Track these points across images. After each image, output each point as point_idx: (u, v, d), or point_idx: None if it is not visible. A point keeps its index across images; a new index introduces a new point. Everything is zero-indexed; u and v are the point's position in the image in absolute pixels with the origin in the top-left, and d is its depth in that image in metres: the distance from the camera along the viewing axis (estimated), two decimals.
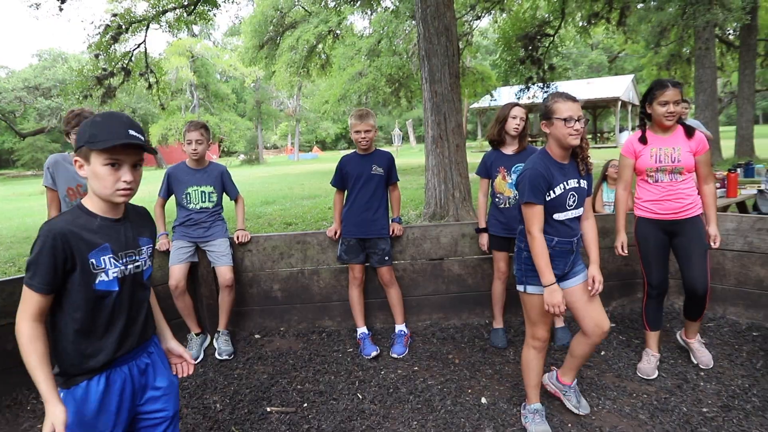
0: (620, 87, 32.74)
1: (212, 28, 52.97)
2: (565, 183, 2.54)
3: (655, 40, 14.92)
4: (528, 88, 13.41)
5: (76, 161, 1.70)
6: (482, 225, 3.90)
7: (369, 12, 18.27)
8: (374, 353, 3.76)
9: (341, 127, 53.77)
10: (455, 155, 7.53)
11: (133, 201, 1.85)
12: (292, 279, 4.28)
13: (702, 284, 3.14)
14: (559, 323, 3.90)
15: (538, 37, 12.82)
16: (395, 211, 4.06)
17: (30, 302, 1.62)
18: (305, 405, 3.18)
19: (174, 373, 1.98)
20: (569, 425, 2.84)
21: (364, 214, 3.81)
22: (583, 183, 2.64)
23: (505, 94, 28.88)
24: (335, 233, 4.01)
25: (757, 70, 19.17)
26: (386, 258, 3.87)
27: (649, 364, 3.31)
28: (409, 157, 29.21)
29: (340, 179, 3.91)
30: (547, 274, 2.49)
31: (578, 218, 2.69)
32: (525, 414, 2.85)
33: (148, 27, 10.82)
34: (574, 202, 2.59)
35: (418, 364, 3.66)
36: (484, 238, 3.90)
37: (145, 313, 1.85)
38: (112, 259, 1.71)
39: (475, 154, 31.58)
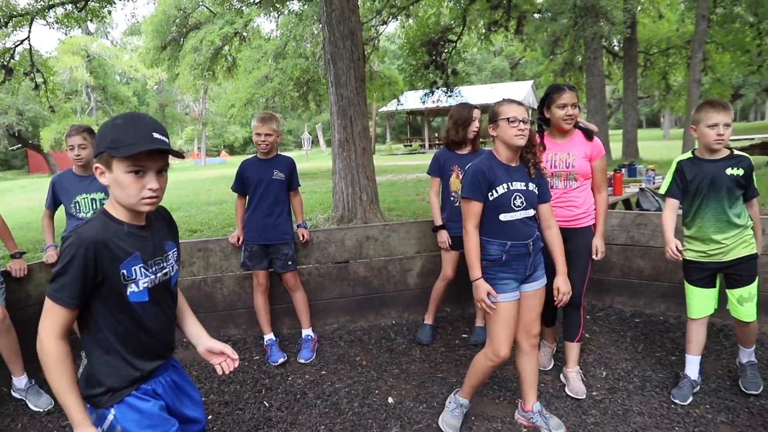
0: (521, 92, 34.41)
1: (109, 26, 50.14)
2: (509, 183, 2.51)
3: (550, 49, 15.83)
4: (432, 92, 13.77)
5: (96, 168, 1.58)
6: (439, 222, 3.84)
7: (276, 14, 18.03)
8: (281, 360, 3.71)
9: (249, 131, 52.49)
10: (362, 158, 7.58)
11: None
12: (194, 287, 4.13)
13: (578, 290, 3.11)
14: (480, 322, 3.97)
15: (442, 42, 13.23)
16: (298, 216, 4.02)
17: (56, 317, 1.50)
18: (210, 417, 3.08)
19: (220, 372, 1.86)
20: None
21: (266, 219, 3.75)
22: (533, 187, 2.58)
23: (411, 99, 29.48)
24: (238, 239, 3.92)
25: (639, 79, 20.85)
26: (290, 263, 3.83)
27: (545, 355, 3.49)
28: (319, 160, 29.09)
29: (241, 184, 3.83)
30: (475, 269, 2.51)
31: (532, 220, 2.62)
32: (450, 400, 2.91)
33: (32, 22, 10.03)
34: (521, 203, 2.53)
35: (326, 368, 3.65)
36: (443, 236, 3.82)
37: (174, 319, 1.82)
38: (142, 269, 1.63)
39: (384, 157, 32.01)
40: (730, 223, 2.89)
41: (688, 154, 3.02)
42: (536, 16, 14.34)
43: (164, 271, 1.70)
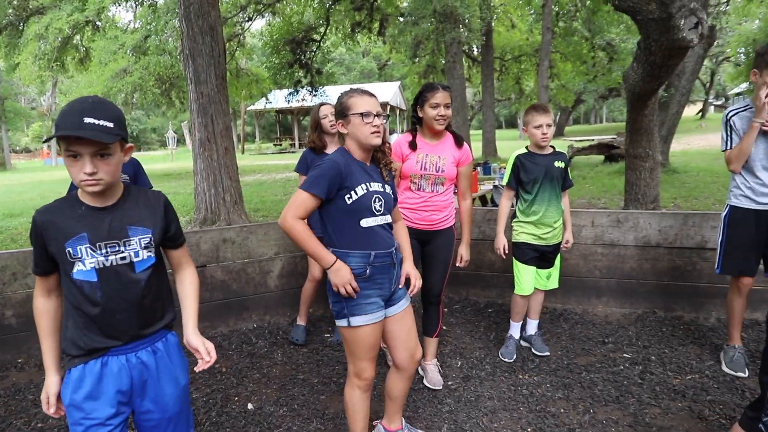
0: (389, 92, 35.28)
1: None
2: (368, 184, 2.20)
3: (413, 52, 16.42)
4: (297, 91, 13.67)
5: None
6: None
7: (134, 4, 16.83)
8: None
9: None
10: (224, 158, 7.33)
11: None
12: (30, 303, 3.71)
13: (438, 288, 3.20)
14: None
15: (306, 42, 13.18)
16: None
17: (37, 281, 1.73)
18: None
19: (197, 370, 1.82)
20: None
21: None
22: (389, 189, 2.32)
23: (280, 97, 29.09)
24: None
25: (496, 83, 22.29)
26: None
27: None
28: (185, 160, 27.69)
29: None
30: (324, 256, 2.16)
31: (390, 226, 2.36)
32: None
33: None
34: (381, 206, 2.24)
35: None
36: None
37: (142, 306, 1.73)
38: (89, 249, 1.63)
39: (254, 156, 31.28)
40: (558, 209, 3.39)
41: (523, 150, 3.42)
42: (400, 19, 14.78)
43: (121, 255, 1.67)
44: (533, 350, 3.60)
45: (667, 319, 4.01)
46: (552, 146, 3.44)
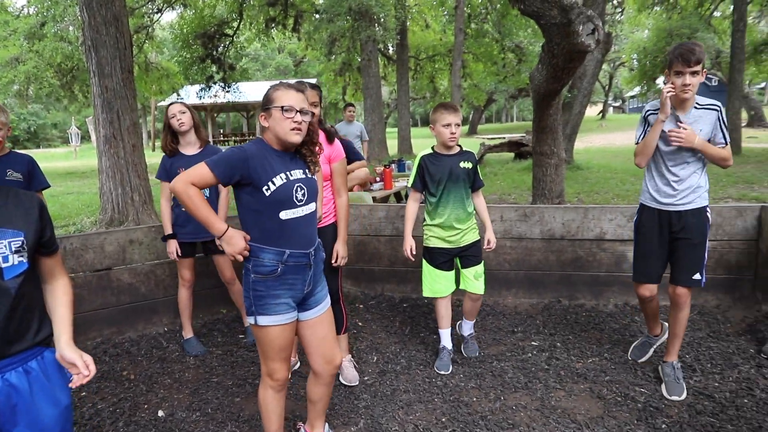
0: None
1: None
2: (288, 173, 2.13)
3: (329, 49, 16.38)
4: (209, 87, 13.25)
5: None
6: (169, 231, 3.56)
7: None
8: None
9: None
10: (132, 156, 7.00)
11: None
12: None
13: (334, 286, 3.10)
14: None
15: (218, 36, 12.79)
16: None
17: None
18: None
19: (73, 386, 1.62)
20: None
21: None
22: (312, 175, 2.27)
23: (192, 93, 28.09)
24: None
25: (411, 82, 22.66)
26: None
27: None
28: (90, 158, 26.10)
29: None
30: (216, 223, 2.08)
31: (314, 217, 2.27)
32: None
33: None
34: (303, 195, 2.16)
35: (86, 388, 3.28)
36: (172, 246, 3.55)
37: (11, 318, 1.52)
38: None
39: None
40: (465, 211, 3.29)
41: (429, 150, 3.34)
42: (316, 16, 14.68)
43: None
44: (462, 350, 3.56)
45: (571, 307, 4.25)
46: (459, 146, 3.35)
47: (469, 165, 3.30)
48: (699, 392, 3.00)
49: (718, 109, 2.94)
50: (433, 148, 3.35)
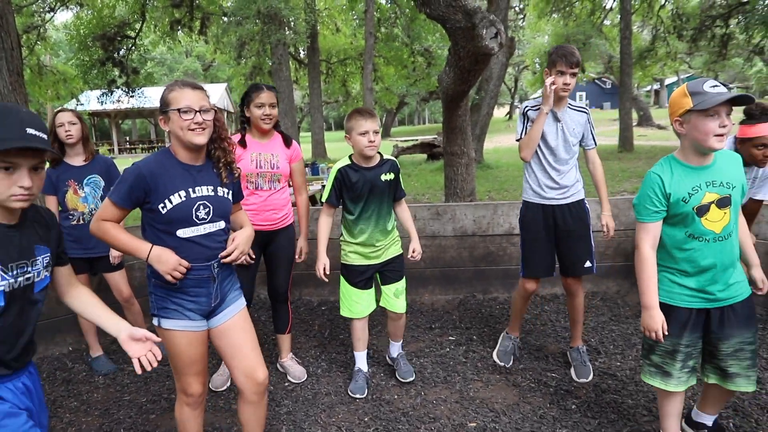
0: (215, 94, 33.88)
1: None
2: (189, 190, 2.03)
3: (238, 53, 15.99)
4: (111, 92, 12.54)
5: None
6: None
7: None
8: None
9: None
10: None
11: None
12: None
13: (284, 288, 3.28)
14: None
15: (119, 38, 12.13)
16: None
17: None
18: None
19: (139, 371, 1.68)
20: None
21: None
22: (224, 192, 2.14)
23: (93, 98, 26.53)
24: None
25: (323, 86, 22.60)
26: None
27: (222, 376, 3.34)
28: None
29: None
30: (139, 246, 1.99)
31: (225, 233, 2.16)
32: None
33: None
34: (207, 214, 2.06)
35: None
36: None
37: (33, 329, 1.63)
38: (1, 272, 1.48)
39: None
40: (387, 226, 3.05)
41: (347, 161, 2.98)
42: (224, 19, 14.29)
43: (27, 276, 1.55)
44: (397, 375, 3.21)
45: (486, 301, 4.40)
46: (380, 153, 3.02)
47: (391, 176, 3.00)
48: (603, 372, 3.20)
49: (588, 112, 3.20)
50: (350, 158, 2.98)
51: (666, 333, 2.13)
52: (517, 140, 3.19)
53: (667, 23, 19.36)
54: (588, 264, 3.16)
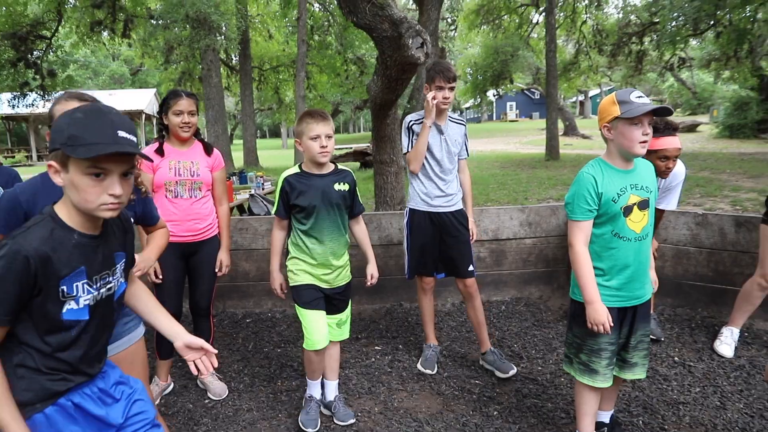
0: (143, 100, 32.77)
1: None
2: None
3: (165, 57, 15.52)
4: (24, 95, 11.80)
5: (50, 166, 1.36)
6: None
7: None
8: None
9: None
10: None
11: None
12: None
13: (206, 303, 3.19)
14: None
15: (32, 38, 11.45)
16: None
17: None
18: None
19: (195, 372, 1.64)
20: None
21: None
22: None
23: (5, 102, 25.08)
24: None
25: (255, 93, 22.26)
26: None
27: (157, 386, 3.22)
28: None
29: None
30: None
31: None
32: None
33: None
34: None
35: None
36: None
37: (109, 333, 1.60)
38: (86, 285, 1.43)
39: None
40: (342, 244, 2.74)
41: (295, 169, 2.72)
42: (152, 22, 13.80)
43: (109, 285, 1.52)
44: (335, 420, 2.85)
45: (412, 310, 4.40)
46: (334, 163, 2.75)
47: (346, 187, 2.71)
48: (525, 377, 3.26)
49: (465, 124, 3.40)
50: (300, 166, 2.72)
51: (612, 325, 2.21)
52: (404, 154, 3.31)
53: (588, 38, 20.33)
54: (471, 267, 3.34)
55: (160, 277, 2.96)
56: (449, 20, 22.18)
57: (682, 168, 3.49)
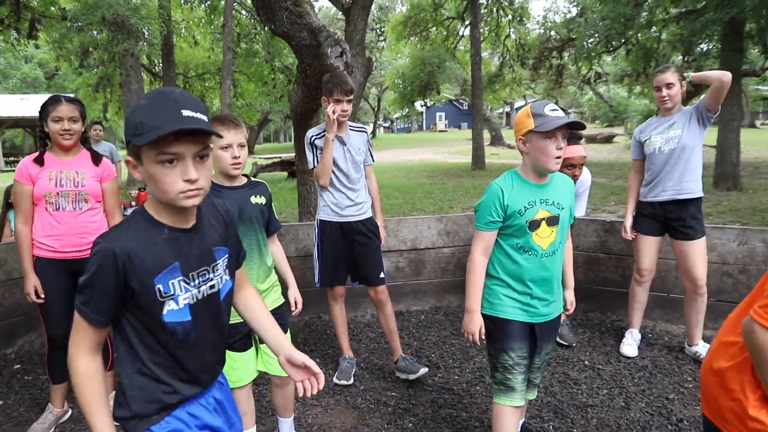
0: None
1: None
2: None
3: (80, 61, 14.74)
4: None
5: (128, 162, 1.29)
6: None
7: None
8: None
9: None
10: None
11: None
12: None
13: None
14: None
15: None
16: None
17: (84, 333, 1.29)
18: None
19: (301, 393, 1.47)
20: None
21: None
22: None
23: None
24: None
25: None
26: None
27: (44, 423, 2.93)
28: None
29: None
30: None
31: None
32: None
33: None
34: None
35: None
36: None
37: (222, 338, 1.50)
38: (182, 283, 1.33)
39: None
40: (265, 264, 2.47)
41: None
42: (67, 23, 13.06)
43: (211, 283, 1.41)
44: None
45: (331, 322, 4.30)
46: (246, 175, 2.50)
47: (263, 200, 2.48)
48: (441, 387, 3.26)
49: (366, 131, 3.47)
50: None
51: (483, 338, 2.21)
52: (311, 169, 3.32)
53: (512, 52, 21.01)
54: (382, 275, 3.38)
55: (42, 296, 2.75)
56: (378, 31, 22.38)
57: (588, 175, 3.63)
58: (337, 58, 4.82)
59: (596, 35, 13.18)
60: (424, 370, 3.26)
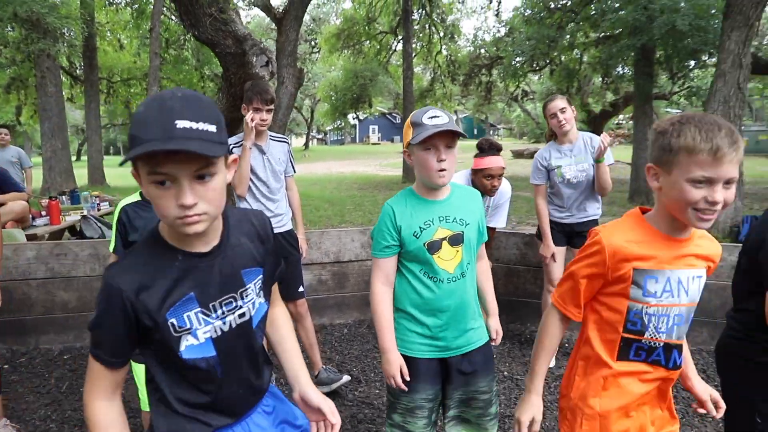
0: None
1: None
2: None
3: None
4: None
5: (134, 175, 1.11)
6: None
7: None
8: None
9: None
10: None
11: None
12: None
13: None
14: None
15: None
16: None
17: (98, 375, 1.15)
18: None
19: None
20: None
21: None
22: None
23: None
24: None
25: (103, 106, 20.65)
26: None
27: None
28: None
29: None
30: None
31: None
32: None
33: None
34: None
35: None
36: None
37: (260, 365, 1.31)
38: (200, 315, 1.16)
39: None
40: None
41: (136, 197, 2.24)
42: None
43: (240, 311, 1.21)
44: None
45: None
46: None
47: None
48: (362, 402, 3.23)
49: (288, 141, 3.43)
50: (141, 193, 2.20)
51: (405, 380, 1.86)
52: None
53: (443, 68, 21.53)
54: (301, 288, 3.35)
55: None
56: (312, 42, 22.34)
57: (508, 186, 3.71)
58: (262, 67, 4.76)
59: (523, 54, 13.70)
60: (346, 378, 3.26)
